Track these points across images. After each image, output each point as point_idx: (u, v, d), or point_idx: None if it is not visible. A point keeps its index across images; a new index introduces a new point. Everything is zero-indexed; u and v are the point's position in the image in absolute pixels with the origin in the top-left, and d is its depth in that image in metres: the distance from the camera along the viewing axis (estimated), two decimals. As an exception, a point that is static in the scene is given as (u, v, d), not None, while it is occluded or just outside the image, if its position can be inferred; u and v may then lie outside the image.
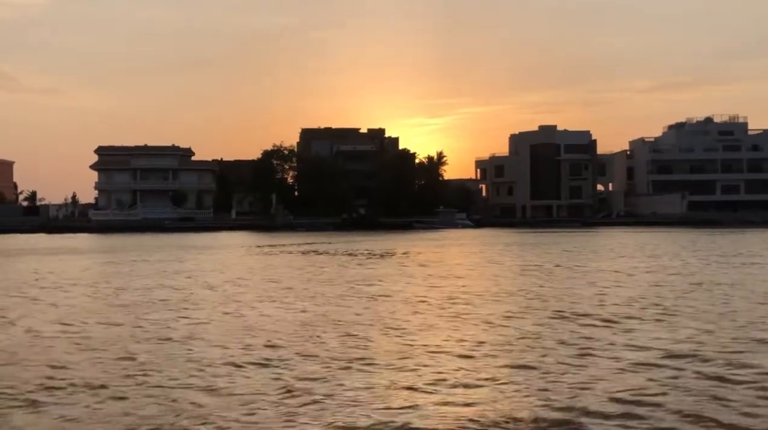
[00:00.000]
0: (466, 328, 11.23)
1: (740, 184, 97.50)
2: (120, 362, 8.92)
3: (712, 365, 8.30)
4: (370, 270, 23.57)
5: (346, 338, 10.39)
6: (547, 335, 10.41)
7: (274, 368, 8.48)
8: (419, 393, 7.20)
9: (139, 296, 16.33)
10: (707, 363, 8.38)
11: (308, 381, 7.74)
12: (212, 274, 22.42)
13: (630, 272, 21.10)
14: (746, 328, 10.85)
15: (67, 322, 12.34)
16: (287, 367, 8.49)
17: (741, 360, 8.48)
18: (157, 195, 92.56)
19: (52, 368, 8.60)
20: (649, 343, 9.64)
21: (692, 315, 12.23)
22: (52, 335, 11.02)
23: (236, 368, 8.50)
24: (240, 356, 9.15)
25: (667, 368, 8.16)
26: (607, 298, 14.82)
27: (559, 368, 8.20)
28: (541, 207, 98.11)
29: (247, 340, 10.36)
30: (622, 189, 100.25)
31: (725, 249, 32.87)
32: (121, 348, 9.80)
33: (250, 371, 8.35)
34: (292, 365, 8.61)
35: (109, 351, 9.61)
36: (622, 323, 11.48)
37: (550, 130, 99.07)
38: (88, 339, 10.60)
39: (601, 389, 7.21)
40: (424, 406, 6.72)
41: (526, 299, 15.03)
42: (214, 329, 11.50)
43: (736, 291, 15.81)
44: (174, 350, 9.64)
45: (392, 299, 15.23)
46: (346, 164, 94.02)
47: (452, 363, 8.58)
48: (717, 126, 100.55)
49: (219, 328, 11.58)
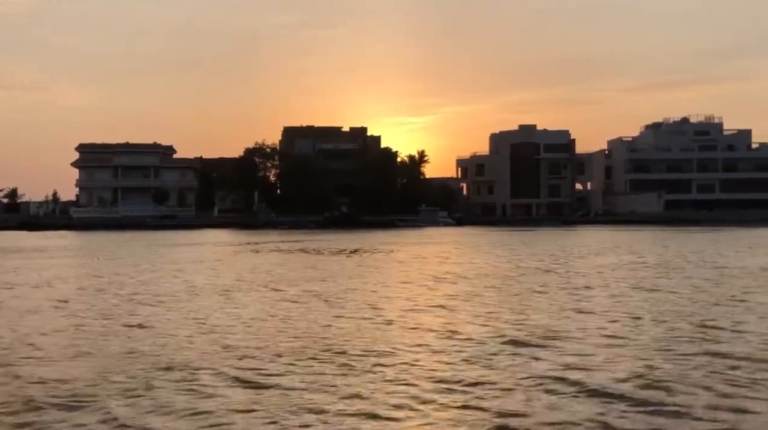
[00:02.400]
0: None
1: (716, 183, 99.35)
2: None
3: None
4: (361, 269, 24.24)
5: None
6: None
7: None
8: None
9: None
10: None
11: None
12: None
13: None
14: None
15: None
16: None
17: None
18: (138, 193, 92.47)
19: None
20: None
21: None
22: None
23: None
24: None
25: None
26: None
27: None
28: (521, 206, 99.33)
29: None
30: (600, 188, 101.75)
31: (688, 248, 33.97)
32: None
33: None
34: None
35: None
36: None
37: (530, 130, 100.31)
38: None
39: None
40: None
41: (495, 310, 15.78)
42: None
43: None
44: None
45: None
46: (329, 163, 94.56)
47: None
48: (693, 126, 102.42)
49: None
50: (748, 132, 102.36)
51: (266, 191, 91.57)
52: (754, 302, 13.61)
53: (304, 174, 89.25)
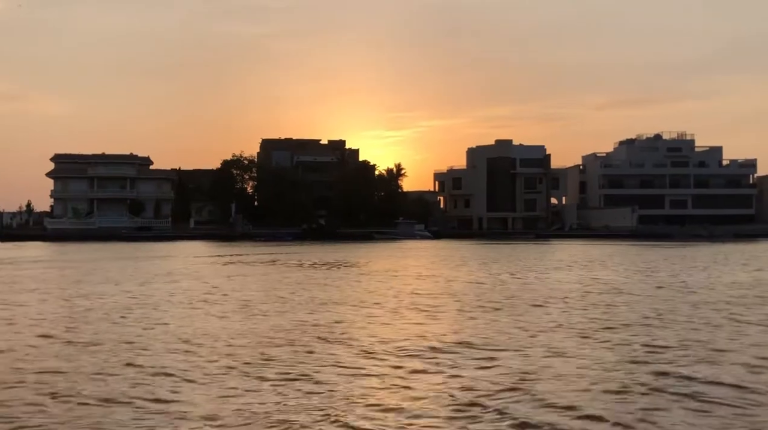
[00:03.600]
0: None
1: (687, 199, 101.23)
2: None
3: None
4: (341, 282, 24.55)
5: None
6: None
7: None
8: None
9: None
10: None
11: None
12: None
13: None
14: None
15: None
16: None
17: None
18: (114, 204, 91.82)
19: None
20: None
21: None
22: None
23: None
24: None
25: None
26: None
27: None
28: (498, 219, 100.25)
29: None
30: (574, 202, 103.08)
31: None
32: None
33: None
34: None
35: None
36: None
37: (506, 145, 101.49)
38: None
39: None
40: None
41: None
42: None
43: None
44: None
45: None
46: (307, 175, 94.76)
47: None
48: (666, 143, 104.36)
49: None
50: (719, 149, 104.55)
51: (243, 203, 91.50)
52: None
53: (282, 186, 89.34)
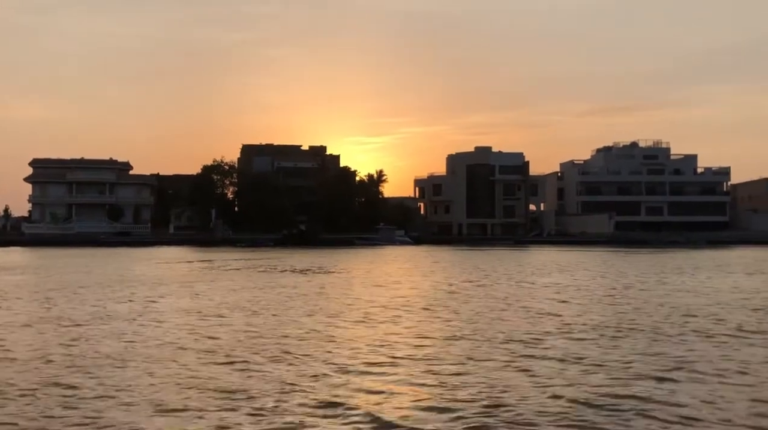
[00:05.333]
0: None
1: (663, 205, 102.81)
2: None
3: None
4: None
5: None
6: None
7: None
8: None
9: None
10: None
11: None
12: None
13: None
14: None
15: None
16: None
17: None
18: (93, 209, 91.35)
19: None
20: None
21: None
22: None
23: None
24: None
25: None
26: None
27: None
28: (477, 225, 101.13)
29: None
30: (552, 209, 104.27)
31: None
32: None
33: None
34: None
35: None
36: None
37: (486, 152, 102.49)
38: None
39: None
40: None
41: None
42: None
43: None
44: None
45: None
46: (288, 180, 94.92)
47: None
48: (642, 150, 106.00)
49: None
50: (694, 157, 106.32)
51: (223, 208, 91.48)
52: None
53: (263, 191, 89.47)
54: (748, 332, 13.34)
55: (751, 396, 8.37)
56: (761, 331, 13.55)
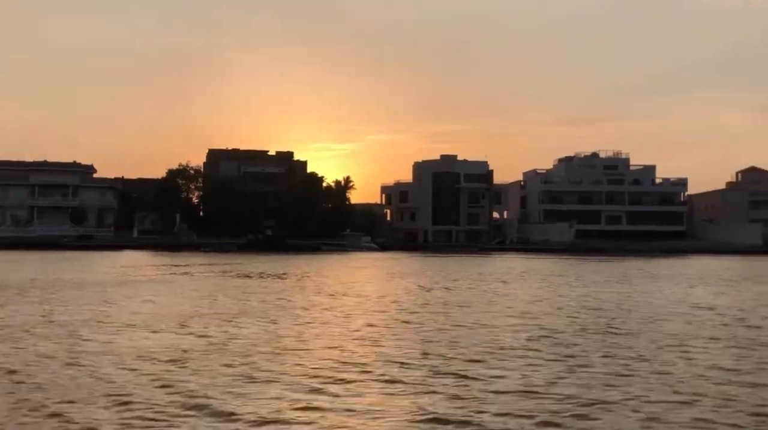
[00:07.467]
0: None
1: (622, 215, 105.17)
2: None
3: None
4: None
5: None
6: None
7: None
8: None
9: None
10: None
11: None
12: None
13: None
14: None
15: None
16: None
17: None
18: (55, 212, 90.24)
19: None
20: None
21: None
22: None
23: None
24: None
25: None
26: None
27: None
28: (442, 232, 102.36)
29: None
30: (515, 217, 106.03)
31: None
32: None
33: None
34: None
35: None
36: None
37: (451, 160, 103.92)
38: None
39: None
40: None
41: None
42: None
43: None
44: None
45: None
46: (254, 186, 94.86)
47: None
48: (602, 161, 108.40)
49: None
50: (653, 168, 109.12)
51: (188, 213, 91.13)
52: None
53: (229, 196, 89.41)
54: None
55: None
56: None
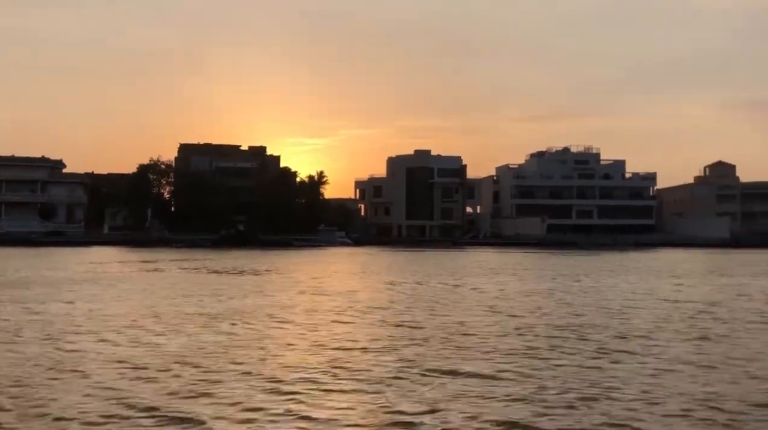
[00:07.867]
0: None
1: (593, 209, 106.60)
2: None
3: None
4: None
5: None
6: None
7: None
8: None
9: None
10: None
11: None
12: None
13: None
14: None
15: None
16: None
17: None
18: (24, 208, 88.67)
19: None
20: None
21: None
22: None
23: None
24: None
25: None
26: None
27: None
28: (416, 227, 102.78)
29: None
30: (488, 211, 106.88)
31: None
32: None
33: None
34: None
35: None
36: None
37: (425, 155, 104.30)
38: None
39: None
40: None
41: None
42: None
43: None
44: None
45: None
46: (227, 180, 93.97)
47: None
48: (573, 156, 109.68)
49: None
50: (623, 163, 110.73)
51: (160, 208, 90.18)
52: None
53: (200, 191, 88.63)
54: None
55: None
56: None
